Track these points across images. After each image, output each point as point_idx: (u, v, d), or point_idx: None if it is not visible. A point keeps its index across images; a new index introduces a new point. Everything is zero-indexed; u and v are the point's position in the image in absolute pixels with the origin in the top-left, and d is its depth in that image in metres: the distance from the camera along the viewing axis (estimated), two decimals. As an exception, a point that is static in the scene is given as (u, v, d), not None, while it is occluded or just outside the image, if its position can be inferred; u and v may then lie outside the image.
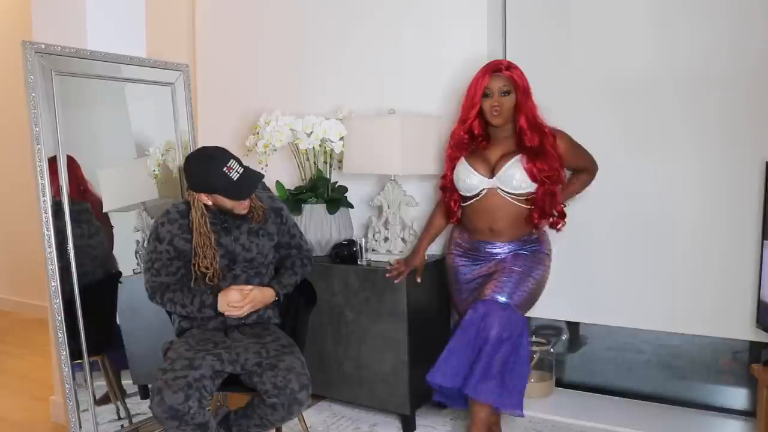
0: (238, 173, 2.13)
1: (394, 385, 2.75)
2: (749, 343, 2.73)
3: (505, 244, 2.49)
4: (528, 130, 2.39)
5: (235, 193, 2.15)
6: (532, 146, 2.38)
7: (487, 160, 2.47)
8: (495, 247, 2.50)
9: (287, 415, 2.12)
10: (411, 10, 3.06)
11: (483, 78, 2.42)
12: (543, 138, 2.39)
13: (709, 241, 2.66)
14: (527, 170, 2.38)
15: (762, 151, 2.50)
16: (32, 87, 2.39)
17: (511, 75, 2.41)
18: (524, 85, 2.41)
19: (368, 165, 2.85)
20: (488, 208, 2.45)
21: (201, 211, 2.21)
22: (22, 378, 3.62)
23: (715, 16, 2.59)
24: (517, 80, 2.40)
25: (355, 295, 2.81)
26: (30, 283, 4.81)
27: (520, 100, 2.41)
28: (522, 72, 2.44)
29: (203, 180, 2.15)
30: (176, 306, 2.24)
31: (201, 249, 2.20)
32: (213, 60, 3.69)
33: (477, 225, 2.51)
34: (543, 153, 2.38)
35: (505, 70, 2.42)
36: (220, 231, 2.26)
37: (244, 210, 2.24)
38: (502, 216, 2.44)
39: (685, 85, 2.66)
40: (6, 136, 4.91)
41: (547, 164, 2.37)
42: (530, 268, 2.44)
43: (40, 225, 2.41)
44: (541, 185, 2.39)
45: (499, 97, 2.40)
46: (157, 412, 2.00)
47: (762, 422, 2.33)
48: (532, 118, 2.41)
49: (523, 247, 2.49)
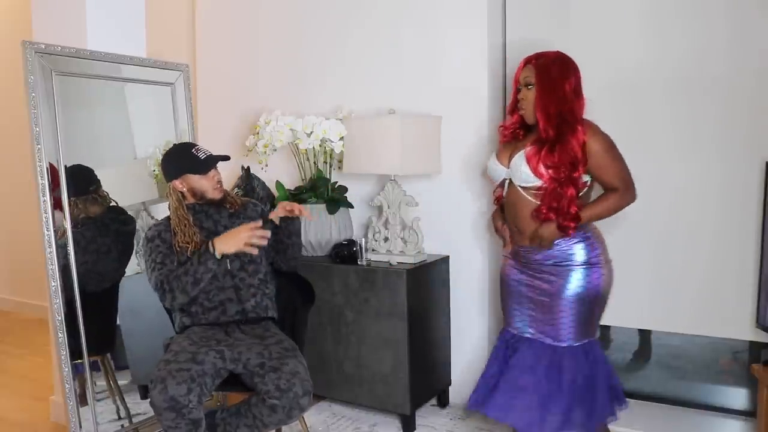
0: (206, 154, 2.35)
1: (394, 385, 2.75)
2: (749, 343, 2.73)
3: (534, 249, 2.27)
4: (544, 122, 2.20)
5: (202, 167, 2.32)
6: (545, 138, 2.20)
7: (512, 149, 2.34)
8: (531, 254, 2.30)
9: (285, 418, 2.11)
10: (411, 9, 3.06)
11: (518, 69, 2.33)
12: (566, 131, 2.18)
13: (708, 241, 2.66)
14: (528, 160, 2.20)
15: (762, 151, 2.50)
16: (32, 87, 2.39)
17: (536, 65, 2.26)
18: (549, 77, 2.23)
19: (368, 165, 2.85)
20: (511, 202, 2.33)
21: (177, 197, 2.35)
22: (22, 378, 3.62)
23: (716, 16, 2.59)
24: (539, 71, 2.24)
25: (355, 295, 2.81)
26: (30, 283, 4.81)
27: (540, 91, 2.23)
28: (553, 61, 2.25)
29: (174, 165, 2.35)
30: (185, 281, 2.23)
31: (179, 228, 2.31)
32: (213, 60, 3.69)
33: (509, 222, 2.39)
34: (557, 147, 2.17)
35: (534, 60, 2.28)
36: (201, 217, 2.37)
37: (219, 193, 2.38)
38: (521, 212, 2.29)
39: (685, 84, 2.66)
40: (6, 136, 4.91)
41: (557, 158, 2.16)
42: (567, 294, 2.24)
43: (40, 225, 2.41)
44: (542, 178, 2.19)
45: (525, 90, 2.28)
46: (157, 400, 2.00)
47: (762, 422, 2.33)
48: (555, 112, 2.20)
49: (564, 259, 2.25)
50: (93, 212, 2.62)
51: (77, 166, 2.54)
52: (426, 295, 2.85)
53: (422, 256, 2.89)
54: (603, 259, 2.27)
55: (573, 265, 2.24)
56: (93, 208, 2.62)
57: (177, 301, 2.26)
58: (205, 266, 2.23)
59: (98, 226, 2.63)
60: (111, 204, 2.70)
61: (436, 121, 2.91)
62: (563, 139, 2.18)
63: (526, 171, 2.22)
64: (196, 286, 2.24)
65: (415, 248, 2.86)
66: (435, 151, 2.89)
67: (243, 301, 2.34)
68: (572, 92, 2.24)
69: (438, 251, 3.00)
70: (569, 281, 2.23)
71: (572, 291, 2.23)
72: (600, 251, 2.27)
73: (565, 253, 2.24)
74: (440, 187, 3.02)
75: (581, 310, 2.24)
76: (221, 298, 2.32)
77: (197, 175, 2.33)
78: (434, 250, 3.00)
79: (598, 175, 2.22)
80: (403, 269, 2.71)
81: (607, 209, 2.23)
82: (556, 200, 2.18)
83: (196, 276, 2.23)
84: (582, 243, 2.24)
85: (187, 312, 2.34)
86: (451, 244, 3.01)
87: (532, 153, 2.21)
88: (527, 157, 2.22)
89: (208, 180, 2.34)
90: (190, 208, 2.36)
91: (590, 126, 2.23)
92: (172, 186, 2.35)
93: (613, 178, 2.20)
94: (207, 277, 2.25)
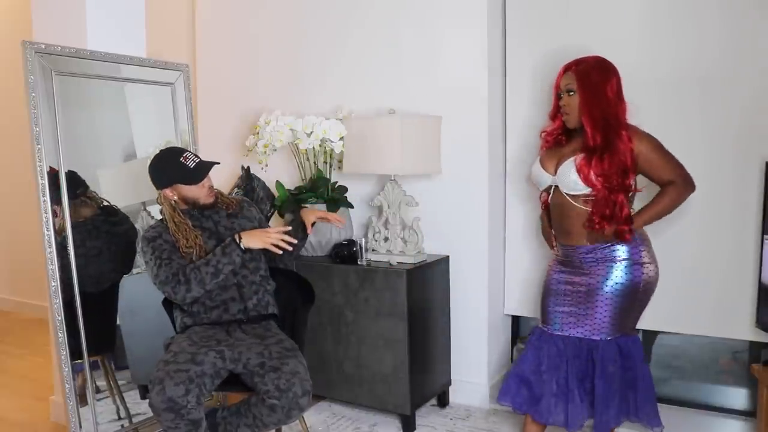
0: (194, 161, 2.30)
1: (394, 385, 2.75)
2: (749, 343, 2.73)
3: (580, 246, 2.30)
4: (591, 128, 2.22)
5: (194, 177, 2.29)
6: (594, 145, 2.21)
7: (557, 157, 2.35)
8: (576, 252, 2.32)
9: (285, 418, 2.11)
10: (411, 9, 3.06)
11: (558, 76, 2.34)
12: (612, 137, 2.19)
13: (708, 241, 2.66)
14: (579, 170, 2.22)
15: (762, 151, 2.50)
16: (32, 87, 2.39)
17: (576, 71, 2.27)
18: (590, 82, 2.25)
19: (368, 165, 2.85)
20: (557, 206, 2.35)
21: (170, 204, 2.32)
22: (22, 378, 3.62)
23: (716, 16, 2.59)
24: (579, 77, 2.26)
25: (355, 295, 2.81)
26: (30, 283, 4.81)
27: (583, 97, 2.24)
28: (593, 66, 2.27)
29: (164, 174, 2.31)
30: (204, 271, 2.22)
31: (180, 234, 2.29)
32: (213, 60, 3.69)
33: (554, 223, 2.42)
34: (606, 153, 2.19)
35: (575, 66, 2.29)
36: (200, 219, 2.36)
37: (210, 198, 2.36)
38: (567, 216, 2.31)
39: (683, 85, 2.66)
40: (6, 136, 4.91)
41: (608, 166, 2.18)
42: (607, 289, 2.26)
43: (40, 225, 2.41)
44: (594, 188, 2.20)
45: (567, 97, 2.30)
46: (155, 401, 2.00)
47: (762, 422, 2.33)
48: (600, 116, 2.22)
49: (606, 257, 2.26)
50: (84, 215, 2.60)
51: (68, 173, 2.50)
52: (426, 295, 2.85)
53: (422, 256, 2.89)
54: (647, 258, 2.29)
55: (615, 261, 2.26)
56: (83, 211, 2.60)
57: (191, 294, 2.22)
58: (230, 257, 2.24)
59: (88, 230, 2.61)
60: (103, 205, 2.68)
61: (436, 121, 2.91)
62: (611, 146, 2.20)
63: (575, 179, 2.24)
64: (215, 277, 2.23)
65: (415, 248, 2.86)
66: (435, 151, 2.89)
67: (245, 299, 2.34)
68: (615, 96, 2.26)
69: (438, 251, 3.00)
70: (610, 276, 2.26)
71: (611, 285, 2.25)
72: (644, 249, 2.29)
73: (608, 249, 2.26)
74: (440, 187, 3.02)
75: (618, 305, 2.26)
76: (224, 297, 2.32)
77: (188, 185, 2.30)
78: (434, 250, 3.00)
79: (653, 175, 2.25)
80: (403, 269, 2.71)
81: (670, 204, 2.25)
82: (608, 208, 2.20)
83: (218, 267, 2.22)
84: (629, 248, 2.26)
85: (189, 311, 2.34)
86: (451, 244, 3.01)
87: (583, 163, 2.22)
88: (578, 167, 2.23)
89: (200, 188, 2.32)
90: (186, 213, 2.35)
91: (633, 129, 2.26)
92: (163, 195, 2.32)
93: (668, 173, 2.22)
94: (228, 270, 2.25)
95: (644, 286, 2.27)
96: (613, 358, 2.26)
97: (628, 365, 2.28)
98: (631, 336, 2.33)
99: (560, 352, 2.32)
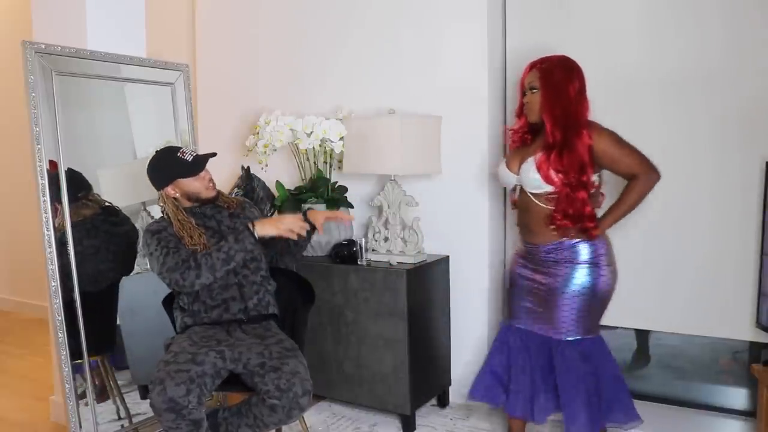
0: (191, 155, 2.32)
1: (394, 385, 2.75)
2: (749, 343, 2.73)
3: (544, 245, 2.32)
4: (551, 125, 2.25)
5: (193, 169, 2.30)
6: (553, 142, 2.24)
7: (521, 156, 2.38)
8: (538, 250, 2.35)
9: (285, 418, 2.11)
10: (410, 9, 3.06)
11: (524, 74, 2.37)
12: (571, 135, 2.22)
13: (708, 241, 2.66)
14: (538, 167, 2.25)
15: (762, 151, 2.50)
16: (32, 87, 2.39)
17: (540, 69, 2.30)
18: (553, 80, 2.27)
19: (368, 165, 2.85)
20: (522, 205, 2.39)
21: (172, 204, 2.33)
22: (22, 378, 3.62)
23: (716, 16, 2.59)
24: (543, 75, 2.29)
25: (355, 295, 2.81)
26: (30, 283, 4.82)
27: (545, 95, 2.28)
28: (557, 65, 2.30)
29: (163, 172, 2.32)
30: (216, 257, 2.21)
31: (184, 231, 2.29)
32: (213, 60, 3.69)
33: (519, 222, 2.45)
34: (565, 151, 2.21)
35: (539, 64, 2.32)
36: (202, 218, 2.37)
37: (212, 192, 2.36)
38: (531, 215, 2.34)
39: (683, 84, 2.66)
40: (6, 136, 4.91)
41: (566, 162, 2.20)
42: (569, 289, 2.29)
43: (40, 225, 2.41)
44: (554, 185, 2.23)
45: (530, 94, 2.33)
46: (156, 402, 2.00)
47: (762, 422, 2.33)
48: (561, 114, 2.24)
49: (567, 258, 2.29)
50: (84, 215, 2.60)
51: (68, 171, 2.51)
52: (426, 295, 2.85)
53: (422, 256, 2.89)
54: (607, 261, 2.31)
55: (576, 263, 2.29)
56: (84, 212, 2.60)
57: (200, 280, 2.20)
58: (242, 244, 2.23)
59: (87, 228, 2.61)
60: (105, 205, 2.68)
61: (436, 121, 2.91)
62: (570, 143, 2.22)
63: (536, 178, 2.27)
64: (226, 264, 2.22)
65: (415, 248, 2.86)
66: (435, 151, 2.89)
67: (246, 298, 2.34)
68: (576, 95, 2.28)
69: (438, 251, 3.00)
70: (570, 279, 2.29)
71: (572, 288, 2.29)
72: (604, 252, 2.31)
73: (570, 251, 2.29)
74: (440, 187, 3.02)
75: (580, 307, 2.29)
76: (225, 296, 2.32)
77: (189, 178, 2.31)
78: (434, 250, 3.00)
79: (616, 169, 2.27)
80: (403, 269, 2.71)
81: (636, 198, 2.26)
82: (570, 206, 2.23)
83: (229, 253, 2.22)
84: (587, 242, 2.29)
85: (189, 311, 2.34)
86: (451, 244, 3.01)
87: (542, 160, 2.25)
88: (537, 165, 2.26)
89: (200, 181, 2.33)
90: (188, 212, 2.35)
91: (593, 126, 2.27)
92: (165, 194, 2.33)
93: (630, 166, 2.24)
94: (240, 258, 2.24)
95: (603, 288, 2.31)
96: (574, 359, 2.30)
97: (590, 368, 2.30)
98: (594, 337, 2.36)
99: (525, 347, 2.39)
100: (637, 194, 2.25)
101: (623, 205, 2.27)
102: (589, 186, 2.24)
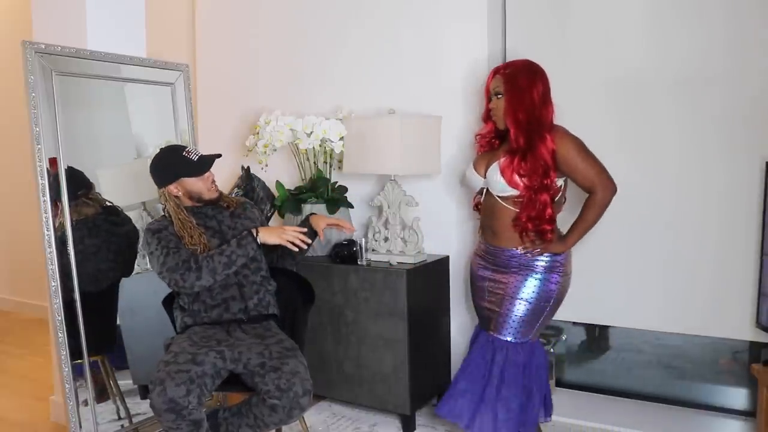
0: (196, 155, 2.33)
1: (394, 385, 2.75)
2: (749, 343, 2.73)
3: (507, 249, 2.36)
4: (515, 129, 2.27)
5: (198, 169, 2.31)
6: (517, 147, 2.27)
7: (488, 159, 2.43)
8: (502, 253, 2.38)
9: (286, 418, 2.12)
10: (411, 9, 3.06)
11: (488, 79, 2.41)
12: (535, 140, 2.24)
13: (708, 241, 2.66)
14: (502, 171, 2.27)
15: (762, 151, 2.50)
16: (32, 87, 2.39)
17: (504, 75, 2.33)
18: (517, 85, 2.29)
19: (368, 165, 2.85)
20: (488, 207, 2.43)
21: (174, 202, 2.33)
22: (22, 378, 3.62)
23: (716, 16, 2.59)
24: (507, 81, 2.31)
25: (355, 295, 2.81)
26: (30, 283, 4.81)
27: (509, 100, 2.30)
28: (521, 70, 2.32)
29: (168, 170, 2.32)
30: (217, 260, 2.22)
31: (185, 231, 2.30)
32: (213, 60, 3.69)
33: (482, 223, 2.49)
34: (528, 155, 2.24)
35: (503, 70, 2.37)
36: (203, 218, 2.37)
37: (214, 193, 2.37)
38: (497, 218, 2.38)
39: (685, 84, 2.66)
40: (6, 136, 4.91)
41: (530, 166, 2.23)
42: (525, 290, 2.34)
43: (40, 225, 2.41)
44: (519, 188, 2.26)
45: (495, 100, 2.37)
46: (156, 402, 2.01)
47: (762, 422, 2.33)
48: (525, 119, 2.26)
49: (528, 264, 2.33)
50: (84, 214, 2.60)
51: (68, 169, 2.50)
52: (426, 295, 2.85)
53: (422, 256, 2.89)
54: (563, 269, 2.37)
55: (534, 270, 2.34)
56: (85, 210, 2.61)
57: (200, 282, 2.21)
58: (245, 249, 2.25)
59: (89, 227, 2.61)
60: (105, 205, 2.68)
61: (436, 121, 2.91)
62: (534, 147, 2.25)
63: (501, 181, 2.31)
64: (227, 268, 2.23)
65: (415, 248, 2.86)
66: (435, 151, 2.89)
67: (246, 298, 2.34)
68: (540, 100, 2.31)
69: (438, 251, 3.00)
70: (527, 283, 2.33)
71: (526, 293, 2.34)
72: (562, 260, 2.36)
73: (529, 257, 2.34)
74: (440, 187, 3.02)
75: (529, 312, 2.34)
76: (225, 296, 2.33)
77: (193, 178, 2.31)
78: (434, 250, 3.00)
79: (574, 177, 2.31)
80: (403, 269, 2.71)
81: (594, 217, 2.30)
82: (534, 209, 2.27)
83: (231, 258, 2.23)
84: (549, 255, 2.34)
85: (189, 311, 2.34)
86: (451, 244, 3.02)
87: (506, 164, 2.29)
88: (501, 169, 2.30)
89: (204, 181, 2.34)
90: (189, 211, 2.35)
91: (558, 131, 2.30)
92: (167, 191, 2.33)
93: (587, 177, 2.26)
94: (241, 262, 2.26)
95: (558, 296, 2.36)
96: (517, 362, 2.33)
97: (529, 372, 2.35)
98: (535, 342, 2.41)
99: (484, 349, 2.40)
100: (595, 210, 2.28)
101: (584, 223, 2.30)
102: (552, 189, 2.26)
